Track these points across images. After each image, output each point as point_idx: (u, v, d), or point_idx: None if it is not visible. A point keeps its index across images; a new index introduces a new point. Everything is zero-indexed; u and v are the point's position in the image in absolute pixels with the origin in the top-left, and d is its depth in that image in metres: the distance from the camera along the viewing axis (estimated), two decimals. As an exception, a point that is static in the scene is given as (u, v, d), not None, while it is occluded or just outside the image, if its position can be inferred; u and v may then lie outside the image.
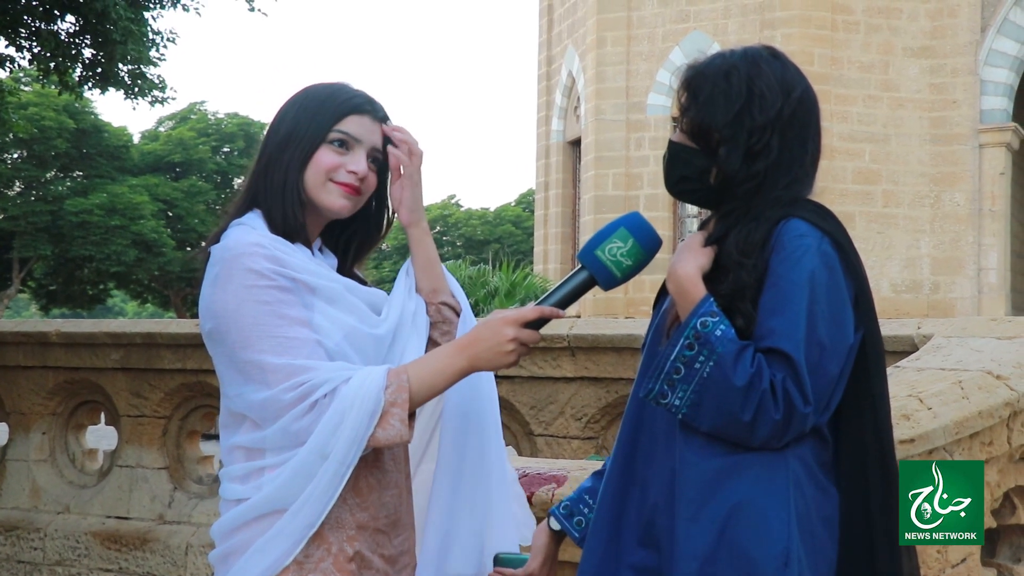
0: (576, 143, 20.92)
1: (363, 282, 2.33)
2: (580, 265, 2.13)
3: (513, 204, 49.60)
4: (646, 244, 2.11)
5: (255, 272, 2.03)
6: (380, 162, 2.24)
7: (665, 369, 2.01)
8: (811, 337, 1.98)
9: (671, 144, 2.20)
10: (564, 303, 2.11)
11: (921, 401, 3.32)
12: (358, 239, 2.34)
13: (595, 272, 2.11)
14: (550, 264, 21.45)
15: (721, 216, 2.14)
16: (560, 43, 21.64)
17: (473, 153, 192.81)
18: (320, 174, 2.16)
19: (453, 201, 50.53)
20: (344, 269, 2.31)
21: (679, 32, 18.59)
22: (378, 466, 2.13)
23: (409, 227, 2.31)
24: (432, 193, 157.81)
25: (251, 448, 2.07)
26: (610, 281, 2.12)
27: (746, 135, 2.10)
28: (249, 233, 2.09)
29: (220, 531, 2.10)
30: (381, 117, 2.22)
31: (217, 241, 2.12)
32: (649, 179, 18.79)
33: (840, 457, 2.08)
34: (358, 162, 2.18)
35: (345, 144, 2.17)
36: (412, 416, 2.06)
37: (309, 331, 2.05)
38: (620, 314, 17.54)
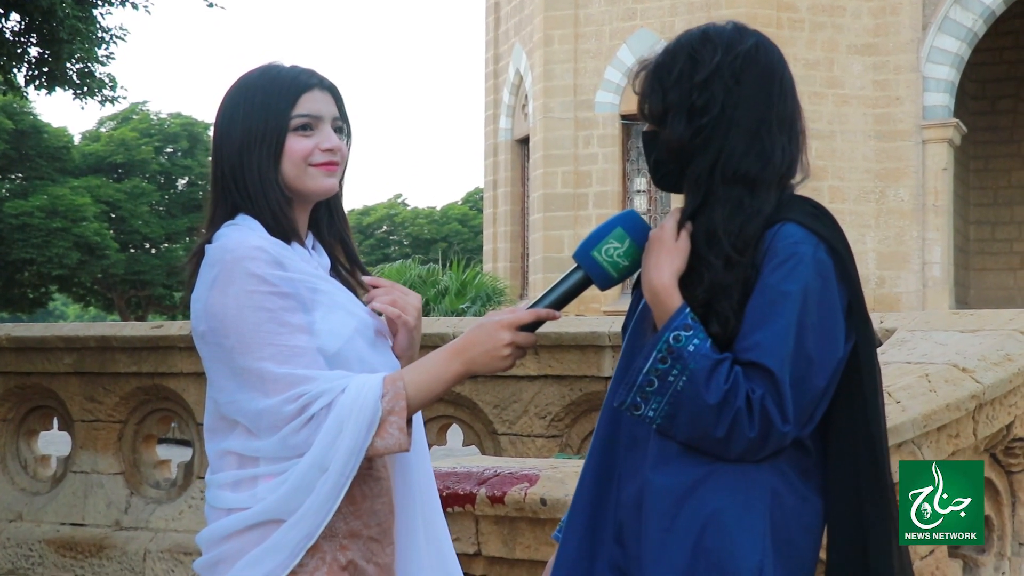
0: (524, 141, 20.93)
1: (350, 283, 2.28)
2: (575, 265, 2.10)
3: (460, 202, 49.54)
4: (643, 244, 2.07)
5: (257, 277, 1.97)
6: (341, 128, 2.18)
7: (638, 382, 1.98)
8: (799, 351, 1.94)
9: (642, 135, 2.15)
10: (560, 304, 2.07)
11: (889, 395, 3.35)
12: (337, 222, 2.27)
13: (591, 273, 2.08)
14: (499, 263, 21.44)
15: (689, 187, 2.07)
16: (507, 41, 21.63)
17: (419, 151, 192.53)
18: (298, 163, 2.10)
19: (400, 200, 50.37)
20: (344, 265, 2.26)
21: (626, 30, 18.65)
22: (371, 475, 2.10)
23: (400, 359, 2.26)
24: (378, 192, 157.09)
25: (244, 455, 2.03)
26: (607, 282, 2.08)
27: (686, 94, 2.04)
28: (249, 235, 2.03)
29: (210, 538, 2.05)
30: (327, 86, 2.16)
31: (209, 242, 2.06)
32: (598, 176, 18.84)
33: (829, 465, 2.04)
34: (328, 137, 2.12)
35: (309, 126, 2.11)
36: (409, 423, 2.02)
37: (310, 338, 2.00)
38: (571, 312, 17.58)
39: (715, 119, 2.02)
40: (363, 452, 1.95)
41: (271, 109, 2.09)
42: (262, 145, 2.09)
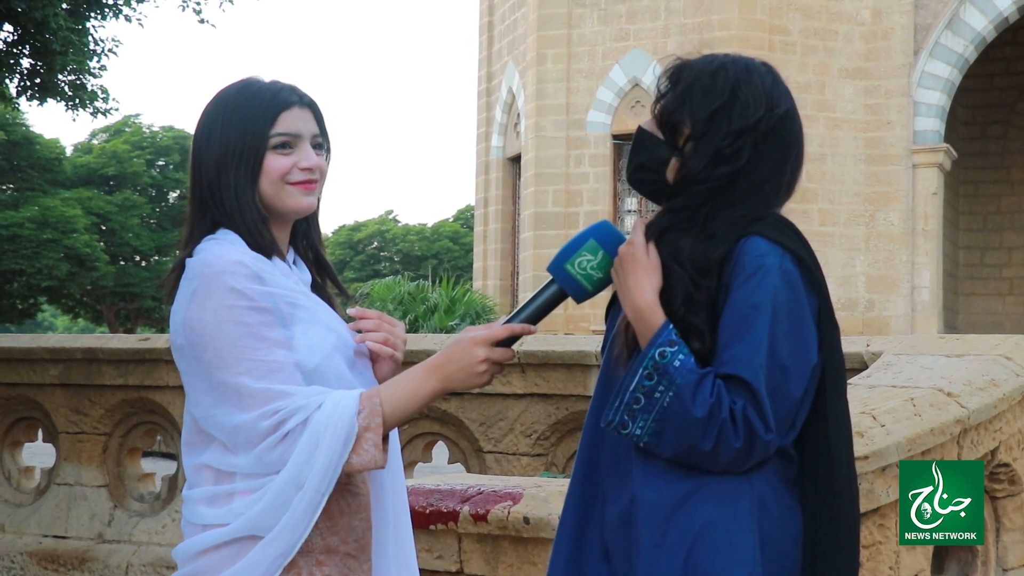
0: (516, 159, 20.94)
1: (331, 298, 2.28)
2: (551, 279, 2.10)
3: (451, 220, 49.53)
4: (616, 255, 2.07)
5: (236, 291, 1.97)
6: (321, 144, 2.16)
7: (625, 400, 1.99)
8: (773, 360, 1.96)
9: (638, 130, 2.15)
10: (535, 318, 2.07)
11: (874, 418, 3.35)
12: (314, 237, 2.26)
13: (565, 286, 2.08)
14: (489, 280, 21.43)
15: (669, 209, 2.08)
16: (500, 60, 21.67)
17: (411, 168, 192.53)
18: (275, 181, 2.09)
19: (391, 216, 50.34)
20: (319, 281, 2.26)
21: (619, 50, 18.70)
22: (349, 490, 2.08)
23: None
24: (369, 208, 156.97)
25: (221, 471, 2.02)
26: (581, 294, 2.08)
27: (719, 137, 2.04)
28: (230, 250, 2.02)
29: (186, 553, 2.04)
30: (307, 103, 2.14)
31: (190, 256, 2.05)
32: (589, 196, 18.86)
33: (801, 476, 2.07)
34: (307, 156, 2.10)
35: (288, 144, 2.10)
36: (385, 439, 2.01)
37: (288, 353, 1.99)
38: (560, 330, 17.56)
39: (736, 172, 2.04)
40: (339, 469, 1.95)
41: (250, 127, 2.08)
42: (240, 163, 2.07)
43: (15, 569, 6.24)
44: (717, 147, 2.04)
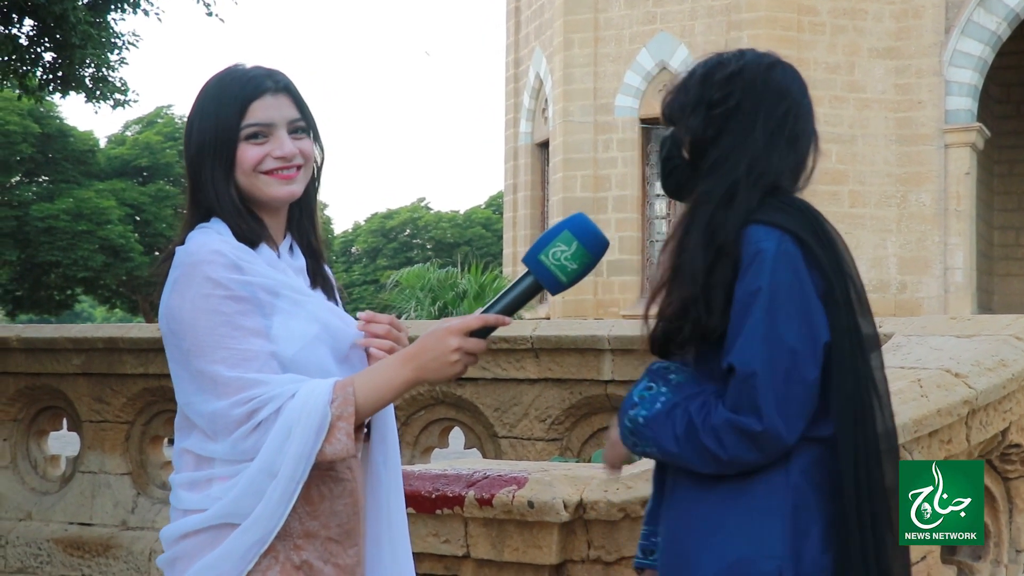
0: (544, 145, 20.91)
1: (331, 286, 2.28)
2: (527, 270, 2.10)
3: (483, 206, 49.52)
4: (591, 247, 2.06)
5: (212, 281, 1.99)
6: (303, 127, 2.15)
7: (642, 458, 2.16)
8: (780, 344, 1.96)
9: (660, 140, 2.23)
10: (510, 310, 2.07)
11: (880, 399, 3.33)
12: (305, 224, 2.25)
13: (540, 277, 2.07)
14: (519, 266, 21.42)
15: (702, 177, 2.13)
16: (527, 45, 21.62)
17: (442, 156, 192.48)
18: (248, 172, 2.09)
19: (423, 204, 50.40)
20: (315, 268, 2.25)
21: (646, 34, 18.60)
22: (331, 475, 2.10)
23: None
24: (402, 196, 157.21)
25: (201, 456, 2.05)
26: (556, 286, 2.07)
27: (710, 88, 2.11)
28: (212, 239, 2.05)
29: (169, 537, 2.09)
30: (283, 86, 2.13)
31: (182, 244, 2.09)
32: (617, 181, 18.80)
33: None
34: (281, 144, 2.10)
35: (261, 134, 2.09)
36: (359, 428, 2.03)
37: (264, 342, 2.01)
38: (589, 315, 17.55)
39: (730, 111, 2.08)
40: (312, 458, 1.96)
41: (221, 120, 2.09)
42: (214, 156, 2.09)
43: (41, 556, 6.33)
44: (710, 98, 2.11)
